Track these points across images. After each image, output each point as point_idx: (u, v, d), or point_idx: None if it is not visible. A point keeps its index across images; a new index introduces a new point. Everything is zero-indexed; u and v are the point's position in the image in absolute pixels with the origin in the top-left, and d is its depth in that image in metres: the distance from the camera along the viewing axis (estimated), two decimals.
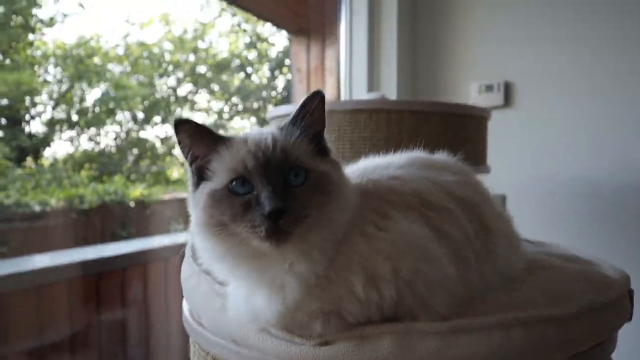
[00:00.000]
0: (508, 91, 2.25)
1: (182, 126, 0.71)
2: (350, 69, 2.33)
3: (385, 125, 1.42)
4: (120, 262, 2.25)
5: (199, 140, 0.72)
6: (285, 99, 4.73)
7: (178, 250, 0.94)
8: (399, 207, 0.76)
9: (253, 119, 5.01)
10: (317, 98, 0.71)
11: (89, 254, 2.24)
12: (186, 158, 0.73)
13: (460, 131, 1.51)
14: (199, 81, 4.89)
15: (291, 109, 1.56)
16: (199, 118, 4.96)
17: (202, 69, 4.93)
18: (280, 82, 5.14)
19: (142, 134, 4.66)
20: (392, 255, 0.69)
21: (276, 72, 5.19)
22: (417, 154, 0.93)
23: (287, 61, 4.85)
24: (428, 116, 1.45)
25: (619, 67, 2.06)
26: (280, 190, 0.66)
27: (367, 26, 2.32)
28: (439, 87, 2.39)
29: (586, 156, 2.12)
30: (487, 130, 1.65)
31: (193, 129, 0.71)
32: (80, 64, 4.13)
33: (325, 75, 2.79)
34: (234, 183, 0.68)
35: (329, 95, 2.70)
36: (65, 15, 4.04)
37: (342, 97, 2.41)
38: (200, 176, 0.73)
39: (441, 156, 0.95)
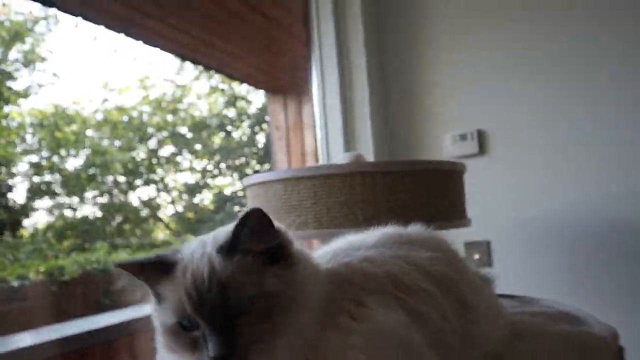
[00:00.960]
0: (482, 139, 2.28)
1: (124, 268, 0.71)
2: (325, 126, 2.35)
3: (361, 188, 1.41)
4: (105, 335, 2.15)
5: (145, 274, 0.71)
6: (267, 155, 4.76)
7: None
8: (373, 292, 0.74)
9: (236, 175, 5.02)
10: (254, 217, 0.66)
11: (70, 329, 2.15)
12: None
13: (436, 188, 1.51)
14: (180, 141, 4.91)
15: (267, 176, 1.55)
16: (183, 178, 4.96)
17: (182, 130, 4.97)
18: (261, 138, 5.18)
19: (124, 199, 4.62)
20: (367, 349, 0.66)
21: (256, 129, 5.23)
22: (389, 230, 0.91)
23: (266, 117, 4.91)
24: (402, 176, 1.45)
25: (593, 109, 2.10)
26: (224, 329, 0.64)
27: (339, 84, 2.36)
28: (413, 139, 2.41)
29: (565, 198, 2.13)
30: (464, 184, 1.65)
31: (132, 267, 0.71)
32: (58, 132, 4.12)
33: (304, 131, 2.81)
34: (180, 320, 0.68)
35: (309, 151, 2.71)
36: (40, 86, 4.07)
37: (321, 154, 2.41)
38: (156, 297, 0.72)
39: (414, 229, 0.93)
